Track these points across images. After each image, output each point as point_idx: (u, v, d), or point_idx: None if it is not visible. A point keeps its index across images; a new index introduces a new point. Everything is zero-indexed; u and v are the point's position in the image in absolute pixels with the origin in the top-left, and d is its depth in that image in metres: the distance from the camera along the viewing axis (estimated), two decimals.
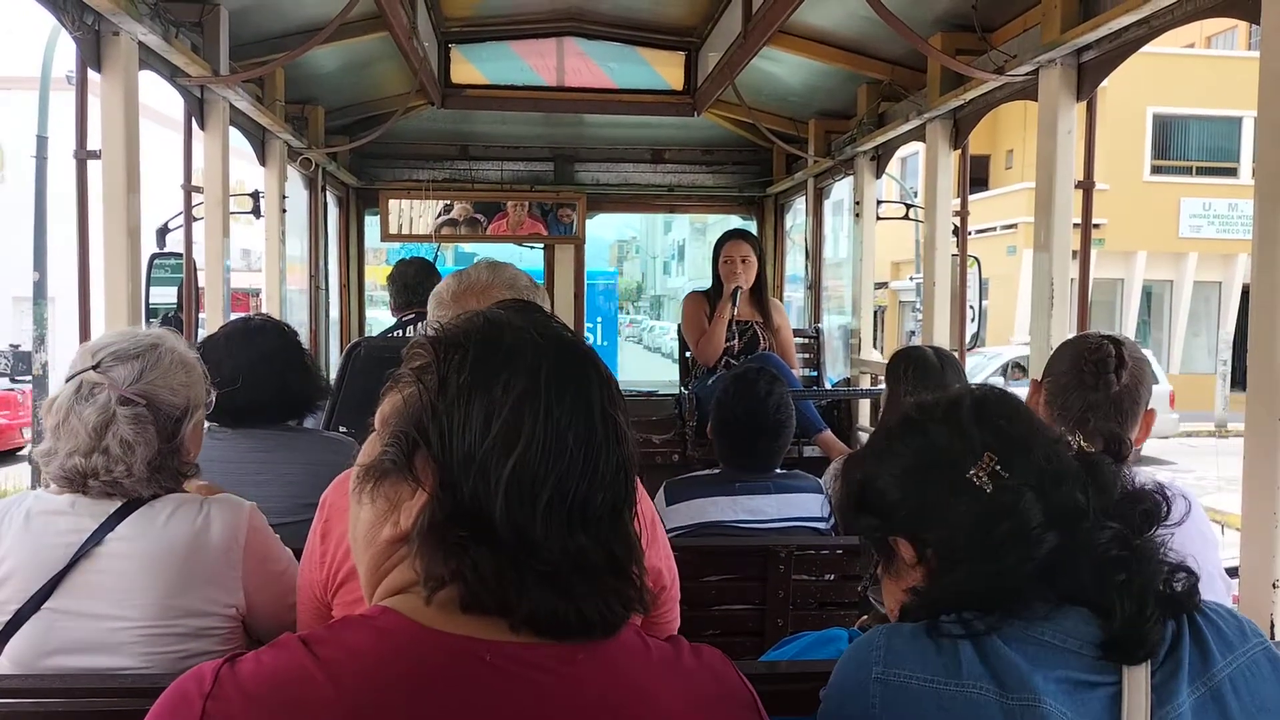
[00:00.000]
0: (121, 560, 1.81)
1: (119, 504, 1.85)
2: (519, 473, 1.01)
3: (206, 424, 2.81)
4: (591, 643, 1.04)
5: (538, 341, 1.07)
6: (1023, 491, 1.27)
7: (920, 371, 3.25)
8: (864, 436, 5.34)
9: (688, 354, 5.59)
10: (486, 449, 1.02)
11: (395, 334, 4.53)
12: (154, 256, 4.48)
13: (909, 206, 5.89)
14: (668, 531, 2.39)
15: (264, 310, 5.11)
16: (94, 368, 1.86)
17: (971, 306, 4.64)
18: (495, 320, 1.10)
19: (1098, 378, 2.14)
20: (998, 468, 1.28)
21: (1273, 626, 2.16)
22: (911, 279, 19.84)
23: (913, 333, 20.91)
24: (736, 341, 5.23)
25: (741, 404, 3.10)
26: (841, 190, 6.13)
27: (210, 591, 1.86)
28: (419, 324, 4.49)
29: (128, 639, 1.81)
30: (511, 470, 1.01)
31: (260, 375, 2.71)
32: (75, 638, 1.81)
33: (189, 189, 4.14)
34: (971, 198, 4.74)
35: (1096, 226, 3.77)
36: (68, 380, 1.88)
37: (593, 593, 1.04)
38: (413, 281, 4.77)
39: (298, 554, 1.99)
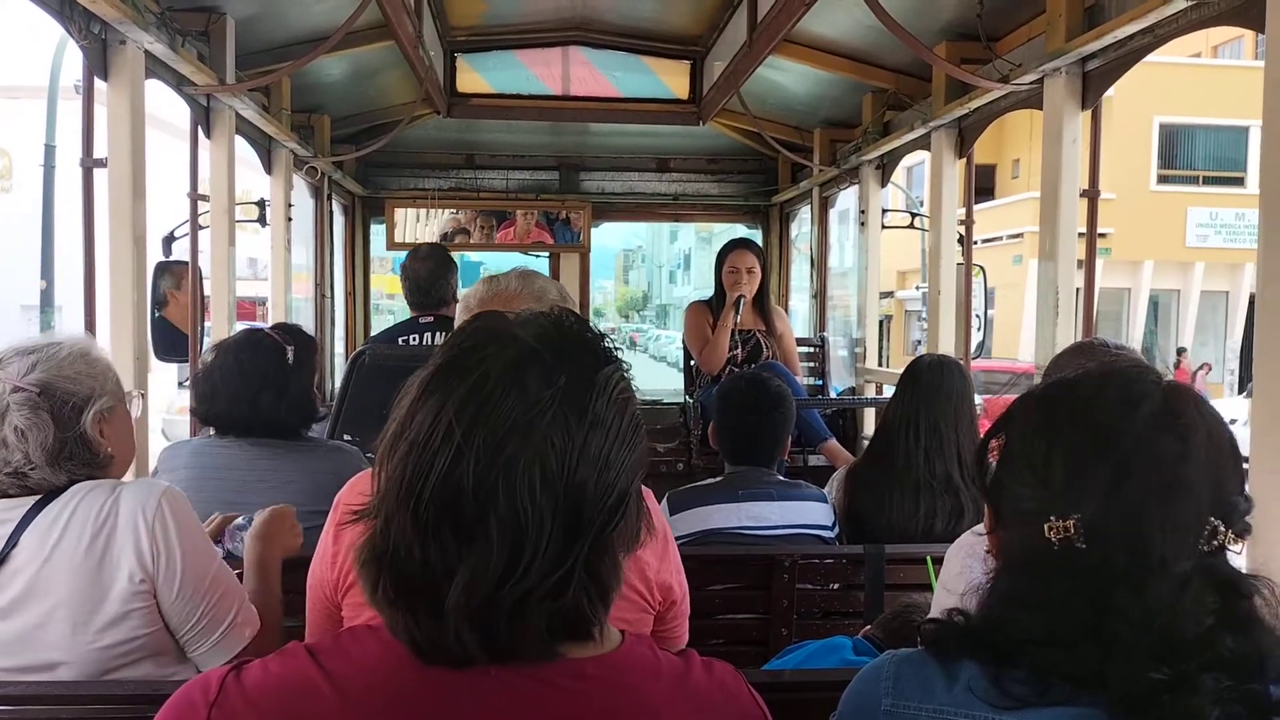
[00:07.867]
0: (36, 553, 1.81)
1: (29, 505, 1.84)
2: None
3: (211, 432, 2.84)
4: (602, 655, 1.04)
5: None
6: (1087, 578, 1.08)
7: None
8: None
9: (692, 363, 5.58)
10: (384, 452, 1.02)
11: (402, 340, 4.39)
12: (160, 265, 4.46)
13: (914, 215, 5.89)
14: None
15: (269, 320, 5.09)
16: None
17: (977, 315, 4.63)
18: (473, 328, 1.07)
19: None
20: (1079, 542, 1.10)
21: None
22: (917, 288, 19.82)
23: (918, 342, 20.89)
24: (740, 350, 5.22)
25: (743, 391, 3.16)
26: (847, 199, 6.12)
27: (126, 567, 1.83)
28: (430, 333, 4.25)
29: (53, 635, 1.80)
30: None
31: (255, 394, 2.73)
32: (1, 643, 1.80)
33: (195, 197, 4.14)
34: (977, 207, 4.73)
35: (1102, 236, 3.76)
36: None
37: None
38: (425, 283, 4.31)
39: (301, 562, 1.98)
